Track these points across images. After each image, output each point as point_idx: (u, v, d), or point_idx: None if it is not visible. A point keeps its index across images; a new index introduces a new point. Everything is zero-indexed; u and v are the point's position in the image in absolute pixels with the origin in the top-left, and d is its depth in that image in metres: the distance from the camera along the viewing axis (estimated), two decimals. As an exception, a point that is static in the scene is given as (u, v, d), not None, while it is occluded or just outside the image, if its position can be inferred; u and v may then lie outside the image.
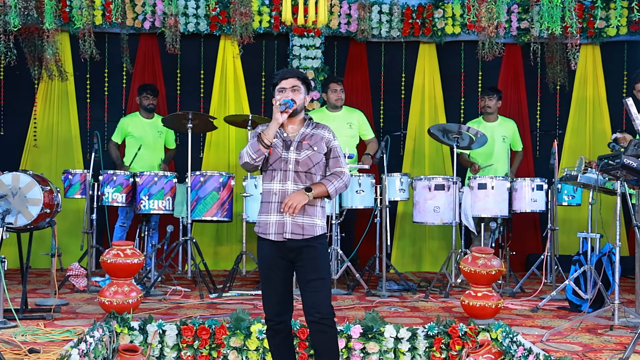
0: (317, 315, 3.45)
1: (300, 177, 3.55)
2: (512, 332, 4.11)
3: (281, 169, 3.54)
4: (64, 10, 7.63)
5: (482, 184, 6.29)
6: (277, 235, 3.50)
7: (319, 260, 3.51)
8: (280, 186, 3.54)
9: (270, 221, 3.52)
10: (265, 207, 3.56)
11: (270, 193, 3.55)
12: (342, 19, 7.87)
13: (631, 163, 4.05)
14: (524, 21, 7.85)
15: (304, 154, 3.57)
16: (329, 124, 6.75)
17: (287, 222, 3.49)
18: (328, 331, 3.49)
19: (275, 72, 3.63)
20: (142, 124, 7.10)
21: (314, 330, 3.51)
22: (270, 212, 3.54)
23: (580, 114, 8.24)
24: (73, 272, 6.09)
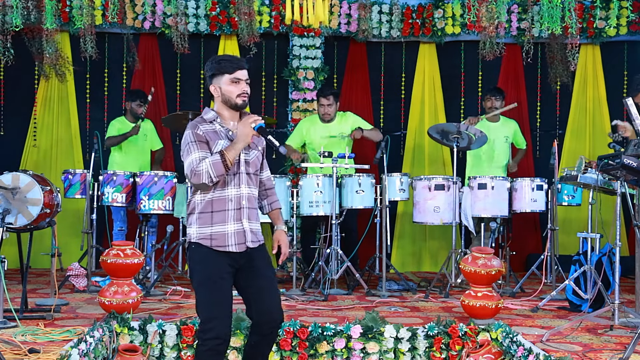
0: (274, 322, 3.32)
1: (252, 179, 3.35)
2: (512, 332, 4.11)
3: (233, 173, 3.28)
4: (64, 10, 7.63)
5: (482, 184, 6.28)
6: (238, 245, 3.26)
7: (270, 265, 3.40)
8: (235, 191, 3.28)
9: (228, 231, 3.25)
10: (220, 217, 3.25)
11: (226, 200, 3.25)
12: (342, 19, 7.86)
13: (631, 163, 4.05)
14: (524, 21, 7.85)
15: (252, 154, 3.37)
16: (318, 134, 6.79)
17: (247, 230, 3.29)
18: (275, 339, 3.43)
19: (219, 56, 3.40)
20: (128, 128, 7.09)
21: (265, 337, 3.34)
22: (227, 222, 3.25)
23: (580, 114, 8.24)
24: (73, 272, 6.09)
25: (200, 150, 3.22)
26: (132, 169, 6.79)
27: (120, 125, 7.11)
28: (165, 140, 7.90)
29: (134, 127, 6.91)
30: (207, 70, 3.38)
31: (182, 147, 3.30)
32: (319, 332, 4.30)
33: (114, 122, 7.18)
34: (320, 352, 4.30)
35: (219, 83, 3.33)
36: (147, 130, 7.21)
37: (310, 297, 5.82)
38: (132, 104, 7.08)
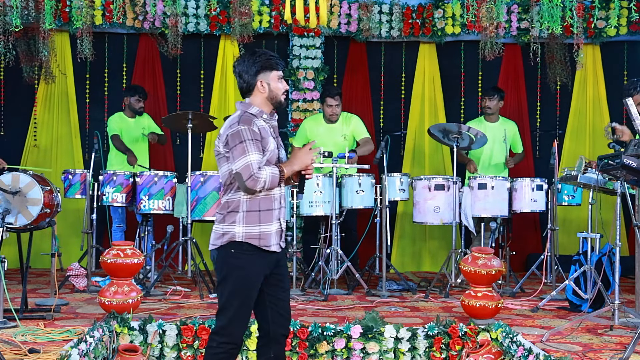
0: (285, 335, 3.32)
1: None
2: (512, 332, 4.12)
3: None
4: (64, 10, 7.63)
5: (482, 184, 6.28)
6: (277, 245, 3.25)
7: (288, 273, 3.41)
8: (279, 191, 3.25)
9: (272, 231, 3.21)
10: (267, 216, 3.19)
11: (272, 199, 3.21)
12: (342, 19, 7.86)
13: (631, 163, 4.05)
14: (524, 21, 7.85)
15: (281, 151, 3.35)
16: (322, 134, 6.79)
17: (282, 229, 3.28)
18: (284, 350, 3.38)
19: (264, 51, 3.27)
20: (128, 123, 7.14)
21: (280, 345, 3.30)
22: (272, 221, 3.21)
23: (580, 114, 8.24)
24: (73, 272, 6.09)
25: (257, 152, 3.11)
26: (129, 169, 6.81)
27: (119, 121, 7.13)
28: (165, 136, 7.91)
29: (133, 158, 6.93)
30: (249, 65, 3.23)
31: (233, 140, 3.12)
32: (319, 332, 4.30)
33: (113, 118, 7.18)
34: (320, 352, 4.30)
35: (266, 79, 3.24)
36: (145, 125, 7.23)
37: (310, 297, 5.82)
38: (131, 99, 7.10)
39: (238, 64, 3.26)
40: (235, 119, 3.18)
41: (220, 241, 3.19)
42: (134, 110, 7.12)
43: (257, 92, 3.24)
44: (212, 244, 3.23)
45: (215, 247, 3.21)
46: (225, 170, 3.20)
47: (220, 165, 3.22)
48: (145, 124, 7.26)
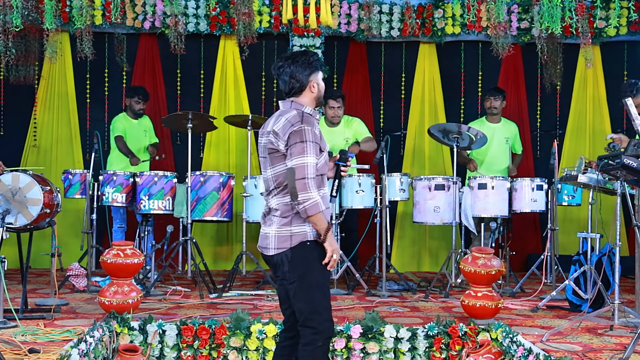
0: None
1: None
2: (512, 332, 4.11)
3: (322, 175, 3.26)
4: (64, 10, 7.63)
5: (482, 184, 6.29)
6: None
7: None
8: (323, 192, 3.25)
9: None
10: (326, 215, 3.18)
11: (325, 199, 3.22)
12: (342, 19, 7.86)
13: (631, 163, 4.05)
14: (524, 21, 7.85)
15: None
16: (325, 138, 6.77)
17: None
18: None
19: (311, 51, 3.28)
20: (131, 125, 7.14)
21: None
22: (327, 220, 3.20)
23: (580, 114, 8.24)
24: (73, 272, 6.09)
25: (314, 155, 3.11)
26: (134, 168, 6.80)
27: (124, 122, 7.13)
28: (165, 140, 7.92)
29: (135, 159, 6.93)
30: (304, 65, 3.23)
31: (294, 138, 3.10)
32: (319, 332, 4.29)
33: (117, 119, 7.18)
34: (320, 352, 4.30)
35: (316, 79, 3.26)
36: (146, 127, 7.25)
37: (310, 297, 5.81)
38: (131, 101, 7.11)
39: (289, 64, 3.23)
40: (296, 117, 3.15)
41: (289, 243, 3.16)
42: (134, 112, 7.13)
43: (308, 91, 3.26)
44: (278, 248, 3.18)
45: (285, 250, 3.17)
46: (281, 170, 3.16)
47: (274, 163, 3.18)
48: (147, 126, 7.25)
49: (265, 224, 3.28)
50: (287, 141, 3.11)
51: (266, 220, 3.28)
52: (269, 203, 3.26)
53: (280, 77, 3.26)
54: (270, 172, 3.21)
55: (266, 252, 3.24)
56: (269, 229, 3.23)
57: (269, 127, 3.22)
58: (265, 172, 3.25)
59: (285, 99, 3.29)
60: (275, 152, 3.16)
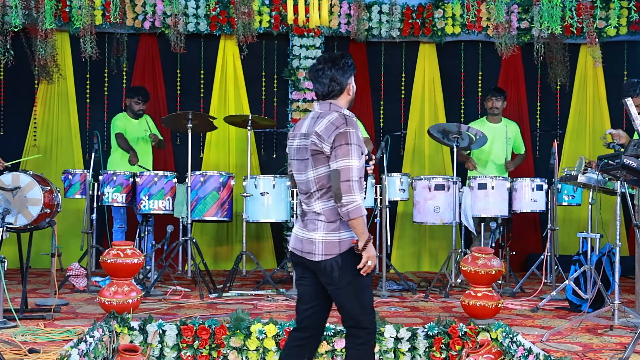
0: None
1: None
2: (512, 332, 4.11)
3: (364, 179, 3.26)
4: (64, 10, 7.63)
5: (482, 184, 6.29)
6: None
7: None
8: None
9: None
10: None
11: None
12: (342, 19, 7.86)
13: (631, 163, 4.05)
14: (524, 21, 7.85)
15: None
16: None
17: None
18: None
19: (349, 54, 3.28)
20: (131, 124, 7.13)
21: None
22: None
23: (580, 114, 8.24)
24: (73, 272, 6.09)
25: (358, 158, 3.11)
26: (134, 168, 6.80)
27: (123, 121, 7.11)
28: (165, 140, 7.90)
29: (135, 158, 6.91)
30: (345, 68, 3.23)
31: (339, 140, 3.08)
32: (319, 332, 4.30)
33: (117, 118, 7.16)
34: (320, 352, 4.30)
35: (352, 82, 3.28)
36: (147, 127, 7.20)
37: (310, 297, 5.81)
38: (131, 101, 7.10)
39: (329, 67, 3.22)
40: (340, 119, 3.13)
41: (338, 249, 3.15)
42: (133, 112, 7.11)
43: (345, 94, 3.27)
44: (326, 255, 3.15)
45: (334, 256, 3.15)
46: (325, 172, 3.14)
47: (317, 165, 3.15)
48: (147, 127, 7.23)
49: (307, 228, 3.22)
50: (332, 143, 3.10)
51: (307, 223, 3.22)
52: (311, 206, 3.21)
53: (318, 79, 3.24)
54: (312, 174, 3.18)
55: (310, 258, 3.19)
56: (314, 234, 3.18)
57: (306, 129, 3.21)
58: (303, 174, 3.22)
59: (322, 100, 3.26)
60: (319, 153, 3.14)
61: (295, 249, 3.27)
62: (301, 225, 3.26)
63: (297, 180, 3.28)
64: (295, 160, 3.27)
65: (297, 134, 3.26)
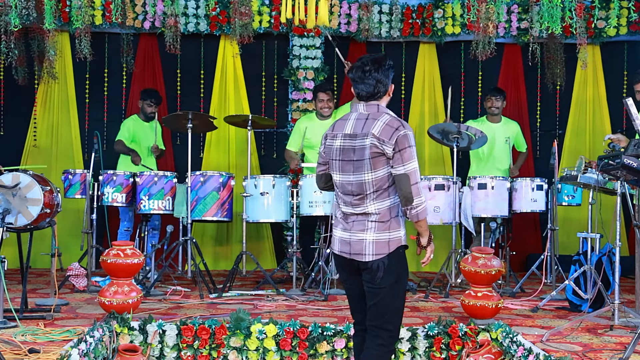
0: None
1: None
2: (512, 332, 4.12)
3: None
4: (64, 10, 7.63)
5: (482, 184, 6.29)
6: None
7: None
8: None
9: None
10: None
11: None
12: (342, 19, 7.87)
13: (631, 163, 4.05)
14: (524, 21, 7.85)
15: None
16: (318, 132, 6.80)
17: None
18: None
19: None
20: (142, 126, 7.11)
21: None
22: None
23: (580, 114, 8.25)
24: (73, 272, 6.09)
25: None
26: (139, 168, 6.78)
27: (133, 124, 7.09)
28: (165, 140, 7.90)
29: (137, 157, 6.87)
30: (389, 70, 3.27)
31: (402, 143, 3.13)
32: (319, 332, 4.30)
33: (127, 121, 7.15)
34: (320, 352, 4.31)
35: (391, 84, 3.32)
36: (157, 131, 7.17)
37: (310, 297, 5.82)
38: (144, 103, 7.07)
39: (375, 69, 3.23)
40: (396, 121, 3.17)
41: (387, 249, 3.19)
42: (145, 114, 7.10)
43: (386, 96, 3.30)
44: (376, 254, 3.18)
45: (383, 256, 3.19)
46: (384, 174, 3.16)
47: (376, 167, 3.16)
48: (157, 130, 7.17)
49: (354, 229, 3.23)
50: (395, 146, 3.12)
51: (353, 225, 3.23)
52: (362, 207, 3.21)
53: (363, 81, 3.23)
54: (370, 176, 3.17)
55: (360, 258, 3.20)
56: (365, 234, 3.20)
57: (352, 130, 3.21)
58: (352, 175, 3.21)
59: (365, 101, 3.26)
60: (380, 156, 3.15)
61: (343, 252, 3.26)
62: (345, 227, 3.26)
63: (342, 181, 3.26)
64: (339, 160, 3.26)
65: (339, 134, 3.26)
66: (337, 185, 3.29)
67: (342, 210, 3.27)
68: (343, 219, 3.27)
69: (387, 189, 3.18)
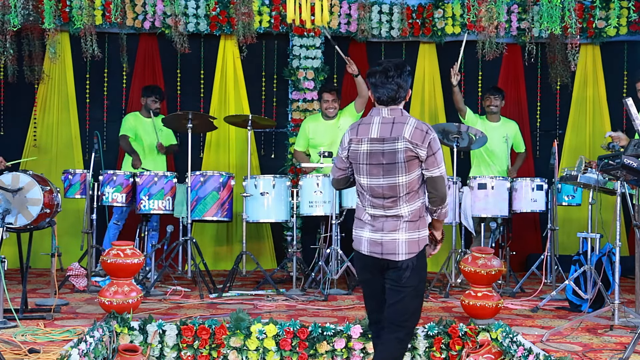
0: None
1: None
2: (512, 332, 4.12)
3: None
4: (64, 10, 7.63)
5: (482, 184, 6.29)
6: None
7: None
8: None
9: None
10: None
11: None
12: (342, 19, 7.86)
13: (631, 163, 4.05)
14: (524, 21, 7.85)
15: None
16: (323, 132, 6.80)
17: None
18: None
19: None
20: (144, 124, 7.08)
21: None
22: None
23: (580, 114, 8.24)
24: (73, 272, 6.09)
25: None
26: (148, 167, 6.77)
27: (135, 120, 7.07)
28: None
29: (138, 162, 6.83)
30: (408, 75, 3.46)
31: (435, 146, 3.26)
32: (319, 332, 4.30)
33: (129, 116, 7.13)
34: (320, 352, 4.31)
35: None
36: (161, 126, 7.14)
37: (310, 297, 5.82)
38: (147, 100, 7.05)
39: (398, 74, 3.36)
40: (422, 124, 3.29)
41: (417, 248, 3.30)
42: (149, 111, 7.07)
43: (404, 101, 3.41)
44: (408, 253, 3.28)
45: (413, 255, 3.29)
46: (416, 176, 3.27)
47: (411, 170, 3.26)
48: (161, 126, 7.17)
49: (384, 230, 3.31)
50: (428, 149, 3.25)
51: (384, 226, 3.31)
52: (394, 209, 3.29)
53: (385, 85, 3.33)
54: (404, 179, 3.26)
55: (393, 258, 3.29)
56: (397, 235, 3.29)
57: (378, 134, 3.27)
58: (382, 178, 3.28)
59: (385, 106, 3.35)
60: (415, 159, 3.25)
61: (374, 253, 3.33)
62: (375, 228, 3.33)
63: (370, 184, 3.32)
64: (367, 164, 3.31)
65: (364, 138, 3.31)
66: (363, 188, 3.35)
67: (369, 213, 3.35)
68: (371, 220, 3.34)
69: (417, 190, 3.29)
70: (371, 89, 3.37)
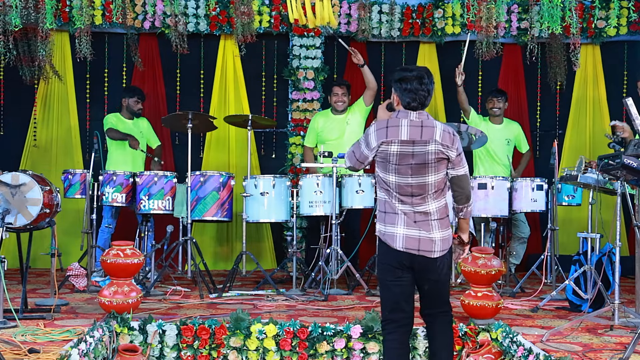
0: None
1: None
2: (512, 332, 4.12)
3: None
4: (64, 10, 7.63)
5: (482, 184, 6.29)
6: None
7: None
8: None
9: None
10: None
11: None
12: (342, 19, 7.86)
13: (631, 163, 4.05)
14: (524, 21, 7.84)
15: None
16: (332, 126, 6.82)
17: None
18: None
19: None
20: (124, 125, 7.03)
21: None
22: None
23: (580, 114, 8.24)
24: (73, 272, 6.09)
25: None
26: (130, 167, 6.77)
27: (115, 121, 7.01)
28: (165, 140, 7.90)
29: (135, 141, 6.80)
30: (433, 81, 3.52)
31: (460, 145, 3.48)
32: (319, 332, 4.30)
33: (110, 116, 7.06)
34: (320, 352, 4.30)
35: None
36: (143, 129, 7.14)
37: (310, 297, 5.82)
38: (129, 100, 7.01)
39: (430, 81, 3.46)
40: (449, 127, 3.49)
41: (449, 244, 3.50)
42: (132, 112, 7.05)
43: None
44: (443, 250, 3.46)
45: (446, 251, 3.48)
46: (443, 175, 3.47)
47: (439, 170, 3.44)
48: (143, 127, 7.15)
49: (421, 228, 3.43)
50: (457, 150, 3.47)
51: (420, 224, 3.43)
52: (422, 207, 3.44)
53: (418, 92, 3.42)
54: (433, 178, 3.42)
55: (429, 255, 3.42)
56: (432, 233, 3.43)
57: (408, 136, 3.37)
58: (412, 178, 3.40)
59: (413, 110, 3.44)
60: (445, 159, 3.44)
61: (411, 249, 3.42)
62: (410, 225, 3.43)
63: (399, 182, 3.42)
64: (396, 165, 3.41)
65: (394, 140, 3.40)
66: (390, 186, 3.45)
67: (400, 209, 3.44)
68: (405, 217, 3.43)
69: (443, 189, 3.48)
70: (400, 93, 3.44)
